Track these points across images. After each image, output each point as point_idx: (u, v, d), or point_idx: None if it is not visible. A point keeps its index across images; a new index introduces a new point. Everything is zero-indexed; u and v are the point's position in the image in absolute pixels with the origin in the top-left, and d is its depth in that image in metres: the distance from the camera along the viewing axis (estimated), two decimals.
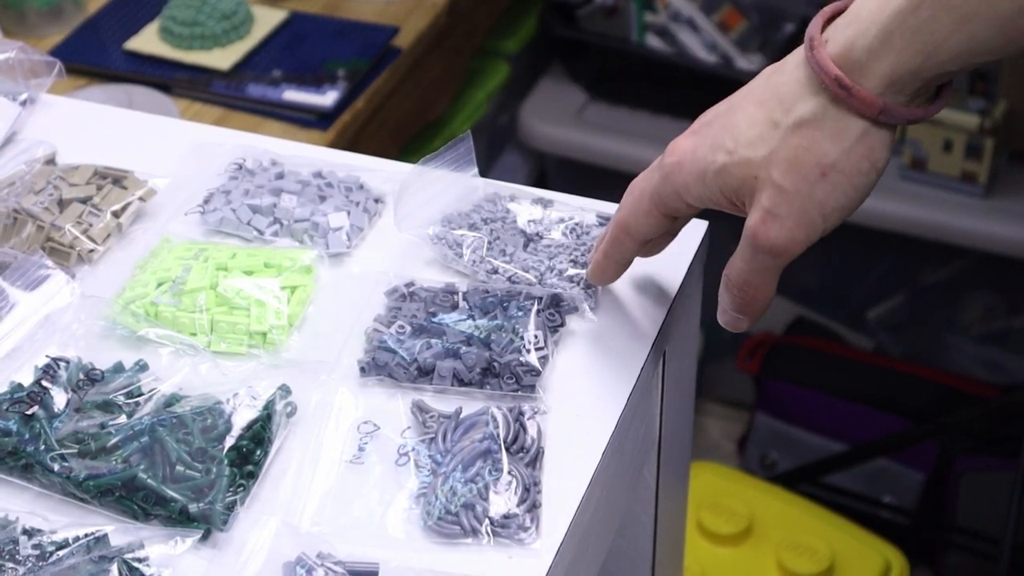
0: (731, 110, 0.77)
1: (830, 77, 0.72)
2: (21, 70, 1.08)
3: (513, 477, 0.76)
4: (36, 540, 0.74)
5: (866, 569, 1.77)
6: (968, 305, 2.20)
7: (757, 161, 0.74)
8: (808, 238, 0.75)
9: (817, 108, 0.73)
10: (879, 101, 0.71)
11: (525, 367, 0.83)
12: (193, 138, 1.04)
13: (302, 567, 0.71)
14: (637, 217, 0.82)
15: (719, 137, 0.76)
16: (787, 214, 0.74)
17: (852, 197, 0.74)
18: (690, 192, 0.78)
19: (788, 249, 0.75)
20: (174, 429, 0.78)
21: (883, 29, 0.70)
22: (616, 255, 0.85)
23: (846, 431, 2.08)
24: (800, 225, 0.74)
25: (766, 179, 0.74)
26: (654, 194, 0.80)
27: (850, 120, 0.72)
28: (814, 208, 0.74)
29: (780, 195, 0.74)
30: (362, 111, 1.61)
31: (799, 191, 0.73)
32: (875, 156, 0.74)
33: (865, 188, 0.74)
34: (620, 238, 0.83)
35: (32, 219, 0.94)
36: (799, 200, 0.74)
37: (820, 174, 0.73)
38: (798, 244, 0.75)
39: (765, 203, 0.74)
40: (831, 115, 0.73)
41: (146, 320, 0.86)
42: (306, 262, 0.91)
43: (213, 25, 1.65)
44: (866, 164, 0.73)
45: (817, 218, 0.74)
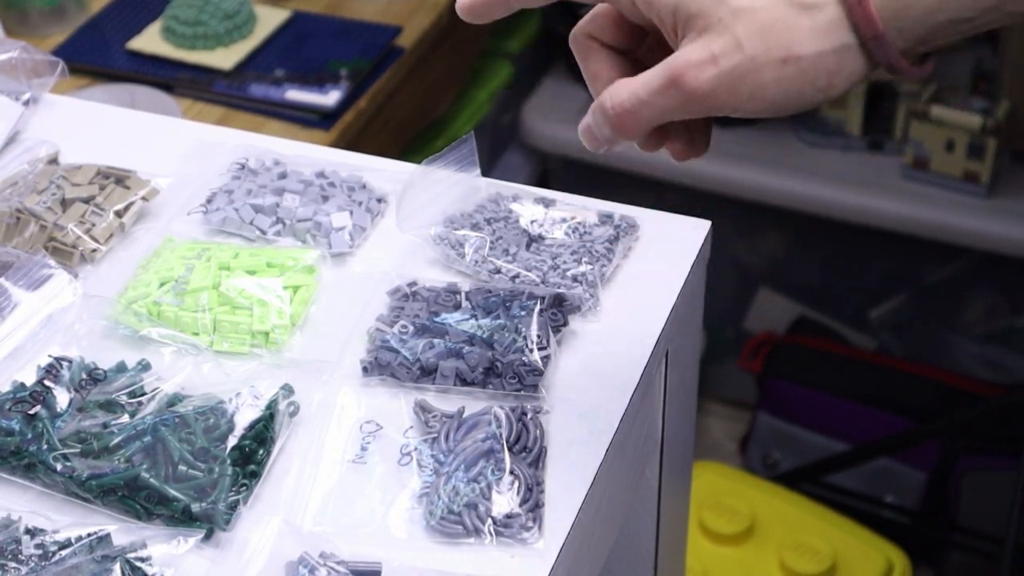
0: None
1: None
2: (24, 70, 1.08)
3: (516, 477, 0.77)
4: (39, 540, 0.74)
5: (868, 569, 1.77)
6: (970, 305, 2.20)
7: (732, 5, 0.69)
8: (724, 105, 0.69)
9: None
10: (880, 25, 0.67)
11: (528, 367, 0.83)
12: (196, 138, 1.05)
13: (304, 567, 0.71)
14: None
15: None
16: (728, 70, 0.68)
17: (790, 99, 0.69)
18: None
19: (703, 101, 0.69)
20: (177, 429, 0.78)
21: None
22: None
23: (848, 431, 2.08)
24: (729, 89, 0.69)
25: (729, 25, 0.68)
26: None
27: (843, 28, 0.68)
28: (753, 83, 0.69)
29: (734, 50, 0.68)
30: (365, 111, 1.61)
31: (753, 58, 0.68)
32: (837, 79, 0.69)
33: (805, 101, 0.69)
34: None
35: (35, 219, 0.94)
36: (746, 66, 0.68)
37: (782, 57, 0.68)
38: (715, 103, 0.69)
39: (714, 47, 0.68)
40: (831, 13, 0.68)
41: (148, 320, 0.86)
42: (308, 262, 0.91)
43: (216, 25, 1.65)
44: (824, 80, 0.69)
45: (746, 93, 0.69)
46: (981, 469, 1.97)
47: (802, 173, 2.10)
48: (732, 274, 2.32)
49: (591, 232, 0.93)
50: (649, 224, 0.95)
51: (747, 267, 2.32)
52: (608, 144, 0.73)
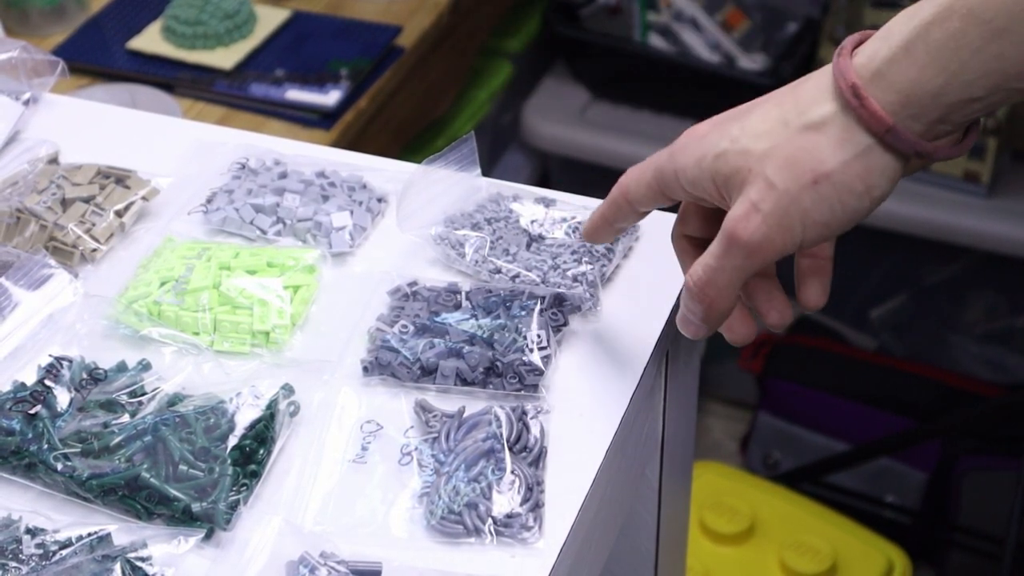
0: (753, 106, 0.75)
1: (847, 83, 0.69)
2: (24, 69, 1.08)
3: (516, 476, 0.76)
4: (39, 539, 0.74)
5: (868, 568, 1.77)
6: (971, 305, 2.20)
7: (756, 153, 0.72)
8: (784, 245, 0.72)
9: (828, 114, 0.71)
10: (889, 119, 0.69)
11: (528, 367, 0.83)
12: (196, 137, 1.04)
13: (305, 566, 0.71)
14: (639, 186, 0.81)
15: (730, 126, 0.75)
16: (770, 212, 0.71)
17: (838, 215, 0.71)
18: (686, 173, 0.76)
19: (762, 249, 0.72)
20: (177, 428, 0.78)
21: (907, 39, 0.68)
22: (612, 218, 0.84)
23: (849, 430, 2.08)
24: (780, 227, 0.72)
25: (759, 173, 0.72)
26: (657, 168, 0.79)
27: (857, 132, 0.70)
28: (797, 213, 0.71)
29: (768, 191, 0.71)
30: (365, 110, 1.61)
31: (787, 191, 0.71)
32: (872, 179, 0.71)
33: (853, 211, 0.71)
34: (619, 202, 0.82)
35: (35, 218, 0.94)
36: (785, 201, 0.71)
37: (812, 180, 0.71)
38: (773, 247, 0.72)
39: (752, 196, 0.72)
40: (839, 123, 0.70)
41: (149, 319, 0.86)
42: (309, 261, 0.91)
43: (216, 24, 1.65)
44: (860, 185, 0.71)
45: (797, 225, 0.72)
46: (981, 469, 1.97)
47: None
48: None
49: None
50: (649, 224, 0.95)
51: None
52: (705, 324, 0.77)
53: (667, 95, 2.18)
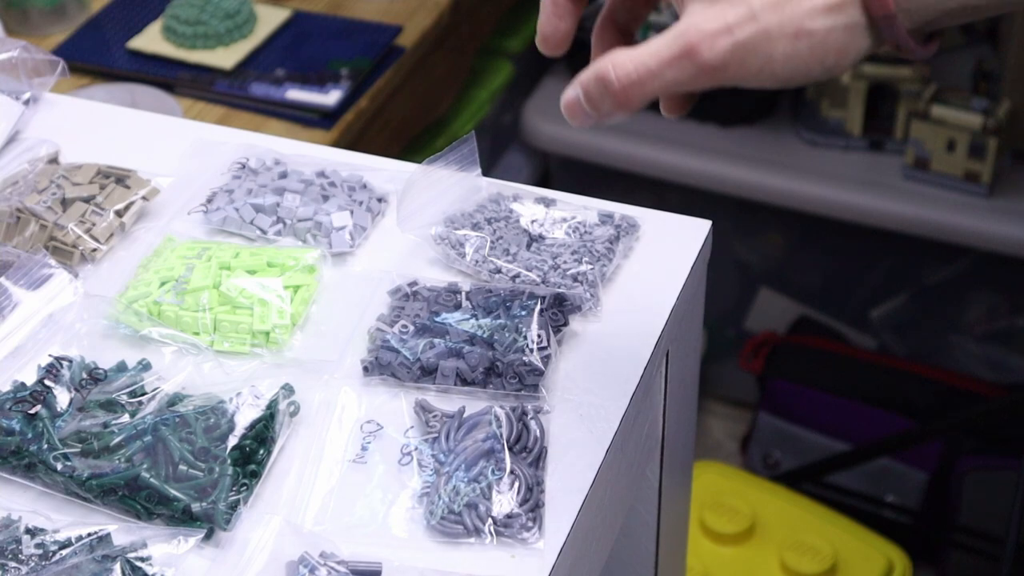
0: None
1: None
2: (24, 69, 1.08)
3: (516, 477, 0.76)
4: (39, 539, 0.74)
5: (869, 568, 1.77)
6: (971, 304, 2.20)
7: None
8: (734, 77, 0.69)
9: None
10: (892, 6, 0.67)
11: (528, 367, 0.83)
12: (196, 137, 1.04)
13: (305, 566, 0.71)
14: None
15: None
16: (742, 42, 0.67)
17: (795, 73, 0.69)
18: None
19: (714, 73, 0.68)
20: (177, 428, 0.78)
21: None
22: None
23: (849, 430, 2.08)
24: (742, 60, 0.68)
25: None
26: None
27: (854, 6, 0.68)
28: (764, 55, 0.68)
29: (749, 21, 0.68)
30: (365, 110, 1.61)
31: (767, 31, 0.67)
32: (843, 56, 0.69)
33: (811, 76, 0.69)
34: None
35: (35, 218, 0.94)
36: (760, 38, 0.67)
37: (794, 32, 0.68)
38: (725, 75, 0.69)
39: (730, 18, 0.68)
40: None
41: (149, 319, 0.86)
42: (309, 261, 0.91)
43: (216, 24, 1.65)
44: (832, 57, 0.68)
45: (755, 65, 0.68)
46: (982, 469, 1.97)
47: (803, 173, 2.10)
48: (733, 274, 2.32)
49: (592, 232, 0.93)
50: (650, 224, 0.95)
51: (748, 267, 2.32)
52: (603, 118, 0.71)
53: None
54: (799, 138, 2.15)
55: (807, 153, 2.13)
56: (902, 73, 2.05)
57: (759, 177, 2.12)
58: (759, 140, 2.15)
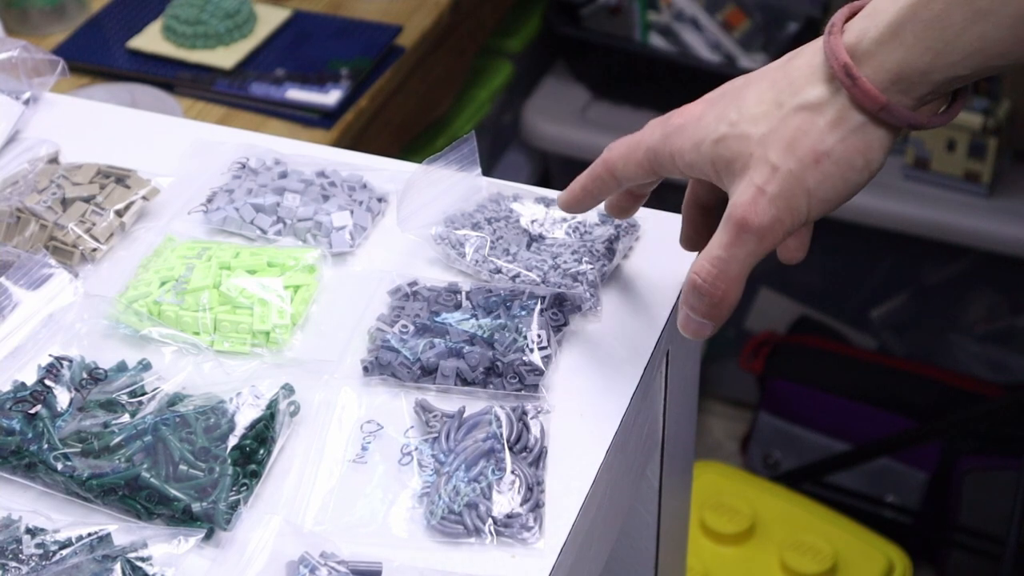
0: (745, 85, 0.76)
1: (839, 64, 0.71)
2: (24, 69, 1.08)
3: (516, 476, 0.76)
4: (39, 539, 0.74)
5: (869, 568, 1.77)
6: (972, 304, 2.20)
7: (755, 138, 0.74)
8: (792, 224, 0.74)
9: (823, 94, 0.72)
10: (882, 97, 0.71)
11: (528, 367, 0.82)
12: (196, 137, 1.04)
13: (305, 566, 0.71)
14: (627, 163, 0.81)
15: (726, 109, 0.76)
16: (777, 193, 0.73)
17: (840, 190, 0.74)
18: (684, 157, 0.77)
19: (772, 231, 0.74)
20: (177, 428, 0.78)
21: (895, 20, 0.70)
22: (594, 190, 0.84)
23: (849, 430, 2.08)
24: (787, 208, 0.73)
25: (761, 157, 0.73)
26: (650, 148, 0.79)
27: (851, 111, 0.72)
28: (802, 193, 0.73)
29: (773, 173, 0.73)
30: (365, 110, 1.61)
31: (791, 173, 0.73)
32: (870, 154, 0.73)
33: (854, 184, 0.74)
34: (604, 177, 0.83)
35: (35, 218, 0.94)
36: (790, 182, 0.73)
37: (814, 160, 0.72)
38: (783, 228, 0.74)
39: (757, 180, 0.73)
40: (834, 103, 0.72)
41: (149, 319, 0.86)
42: (309, 261, 0.91)
43: (216, 24, 1.65)
44: (860, 160, 0.73)
45: (803, 204, 0.73)
46: (982, 469, 1.97)
47: None
48: None
49: (592, 231, 0.93)
50: (650, 224, 0.95)
51: None
52: (711, 321, 0.77)
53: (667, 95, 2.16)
54: None
55: None
56: None
57: None
58: None
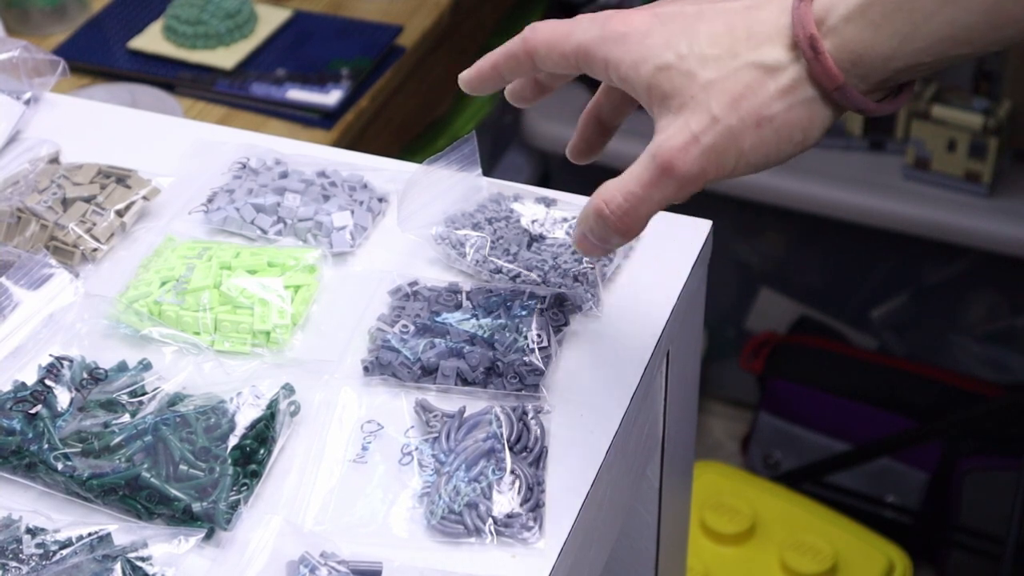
0: (699, 16, 0.73)
1: (805, 34, 0.69)
2: (25, 69, 1.08)
3: (516, 476, 0.76)
4: (40, 539, 0.74)
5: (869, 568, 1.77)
6: (972, 304, 2.20)
7: (701, 80, 0.71)
8: (714, 177, 0.71)
9: (781, 58, 0.70)
10: (840, 77, 0.69)
11: (529, 367, 0.83)
12: (197, 137, 1.04)
13: (305, 566, 0.71)
14: (551, 51, 0.76)
15: (675, 37, 0.72)
16: (710, 145, 0.70)
17: (770, 158, 0.72)
18: (619, 70, 0.73)
19: (695, 181, 0.71)
20: (178, 428, 0.78)
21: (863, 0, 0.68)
22: (505, 70, 0.80)
23: (850, 430, 2.08)
24: (716, 162, 0.71)
25: (703, 103, 0.71)
26: (582, 45, 0.74)
27: (805, 83, 0.70)
28: (735, 152, 0.71)
29: (712, 124, 0.70)
30: (366, 110, 1.61)
31: (730, 129, 0.70)
32: (811, 130, 0.71)
33: (784, 155, 0.72)
34: (520, 57, 0.78)
35: (36, 218, 0.94)
36: (726, 137, 0.70)
37: (755, 122, 0.70)
38: (705, 179, 0.71)
39: (694, 126, 0.70)
40: (790, 71, 0.70)
41: (150, 319, 0.86)
42: (310, 261, 0.91)
43: (217, 24, 1.65)
44: (799, 134, 0.71)
45: (731, 163, 0.71)
46: (982, 469, 1.97)
47: (803, 173, 2.10)
48: (733, 274, 2.32)
49: None
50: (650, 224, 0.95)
51: (748, 267, 2.32)
52: (611, 247, 0.76)
53: None
54: None
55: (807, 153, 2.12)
56: None
57: (759, 177, 2.11)
58: None
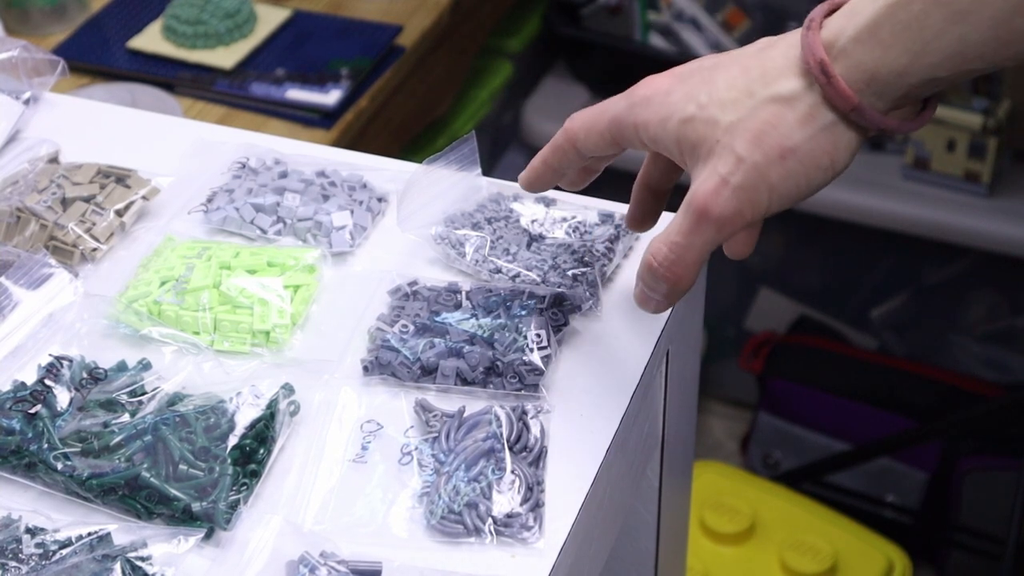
0: (716, 67, 0.75)
1: (815, 60, 0.70)
2: (25, 68, 1.08)
3: (516, 476, 0.76)
4: (39, 539, 0.74)
5: (869, 568, 1.77)
6: (972, 304, 2.20)
7: (723, 124, 0.73)
8: (752, 216, 0.73)
9: (796, 88, 0.71)
10: (855, 98, 0.70)
11: (528, 366, 0.83)
12: (196, 137, 1.04)
13: (305, 566, 0.71)
14: (590, 133, 0.80)
15: (695, 89, 0.75)
16: (740, 185, 0.72)
17: (802, 188, 0.73)
18: (648, 131, 0.76)
19: (732, 222, 0.73)
20: (177, 428, 0.78)
21: (872, 20, 0.69)
22: (556, 164, 0.83)
23: (849, 430, 2.08)
24: (749, 200, 0.72)
25: (727, 145, 0.72)
26: (614, 118, 0.79)
27: (822, 109, 0.71)
28: (764, 187, 0.72)
29: (738, 165, 0.72)
30: (365, 110, 1.61)
31: (756, 166, 0.72)
32: (836, 155, 0.72)
33: (817, 184, 0.73)
34: (565, 148, 0.82)
35: (35, 218, 0.94)
36: (754, 175, 0.72)
37: (780, 155, 0.72)
38: (743, 220, 0.73)
39: (721, 170, 0.72)
40: (806, 99, 0.71)
41: (149, 319, 0.86)
42: (309, 261, 0.91)
43: (216, 24, 1.65)
44: (826, 160, 0.72)
45: (764, 198, 0.72)
46: (982, 469, 1.97)
47: None
48: (733, 274, 2.32)
49: (592, 231, 0.93)
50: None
51: (748, 267, 2.32)
52: (667, 301, 0.78)
53: None
54: None
55: None
56: None
57: None
58: None
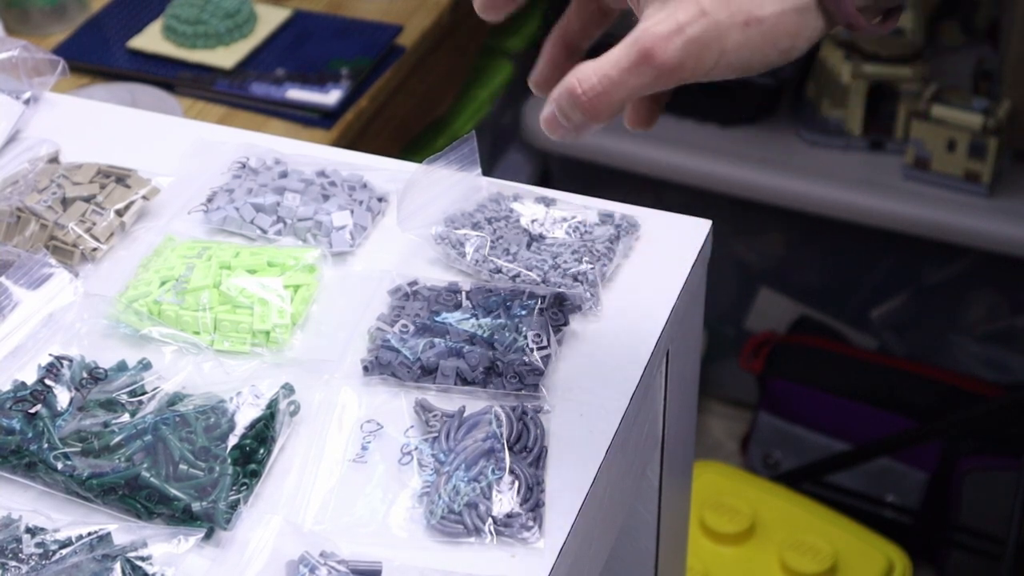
0: None
1: None
2: (25, 68, 1.08)
3: (516, 476, 0.76)
4: (39, 539, 0.74)
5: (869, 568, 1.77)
6: (972, 304, 2.20)
7: None
8: (693, 74, 0.69)
9: None
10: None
11: (528, 366, 0.83)
12: (197, 137, 1.04)
13: (305, 566, 0.71)
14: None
15: None
16: (694, 38, 0.68)
17: (753, 62, 0.70)
18: None
19: (673, 73, 0.69)
20: (177, 428, 0.78)
21: None
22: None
23: (849, 430, 2.08)
24: (697, 56, 0.69)
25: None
26: None
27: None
28: (717, 47, 0.69)
29: (699, 17, 0.68)
30: (365, 110, 1.61)
31: (718, 23, 0.68)
32: (798, 39, 0.69)
33: (768, 62, 0.70)
34: None
35: (36, 217, 0.94)
36: (712, 32, 0.68)
37: (744, 21, 0.68)
38: (683, 73, 0.69)
39: (680, 17, 0.68)
40: None
41: (149, 319, 0.86)
42: (309, 261, 0.91)
43: (217, 24, 1.65)
44: (786, 42, 0.69)
45: (711, 60, 0.69)
46: (982, 469, 1.97)
47: (803, 173, 2.10)
48: (733, 274, 2.32)
49: (592, 231, 0.93)
50: (650, 223, 0.95)
51: (748, 267, 2.32)
52: (578, 131, 0.73)
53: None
54: (799, 138, 2.15)
55: (807, 153, 2.13)
56: (902, 73, 2.05)
57: (759, 177, 2.12)
58: (759, 140, 2.15)
